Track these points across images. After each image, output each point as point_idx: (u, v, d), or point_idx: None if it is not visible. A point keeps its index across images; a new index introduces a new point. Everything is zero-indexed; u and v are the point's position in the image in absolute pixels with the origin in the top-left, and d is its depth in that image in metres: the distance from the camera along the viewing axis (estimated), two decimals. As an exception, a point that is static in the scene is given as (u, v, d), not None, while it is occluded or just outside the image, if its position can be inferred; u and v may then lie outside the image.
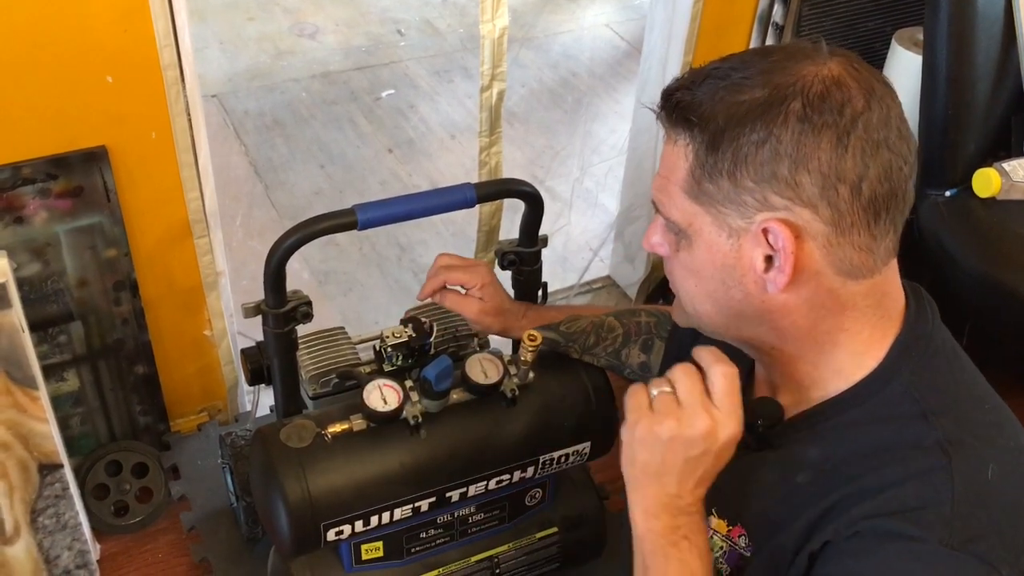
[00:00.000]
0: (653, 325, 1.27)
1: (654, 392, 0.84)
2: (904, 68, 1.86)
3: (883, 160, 0.78)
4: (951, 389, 0.85)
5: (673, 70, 1.84)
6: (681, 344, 1.14)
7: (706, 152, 0.79)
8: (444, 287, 1.28)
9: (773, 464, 0.89)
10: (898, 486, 0.78)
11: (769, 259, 0.80)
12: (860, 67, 0.80)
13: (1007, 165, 1.70)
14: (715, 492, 0.91)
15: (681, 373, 0.83)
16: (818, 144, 0.76)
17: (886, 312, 0.85)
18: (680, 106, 0.81)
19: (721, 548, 0.90)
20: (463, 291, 1.30)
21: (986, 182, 1.70)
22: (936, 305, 0.90)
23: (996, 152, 1.75)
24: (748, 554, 0.88)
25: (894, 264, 0.85)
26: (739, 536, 0.89)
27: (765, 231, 0.79)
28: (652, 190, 0.87)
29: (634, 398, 0.85)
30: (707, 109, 0.79)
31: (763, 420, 0.89)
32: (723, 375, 0.82)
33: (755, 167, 0.78)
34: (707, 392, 0.83)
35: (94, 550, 1.49)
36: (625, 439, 0.86)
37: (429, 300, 1.32)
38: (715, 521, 0.91)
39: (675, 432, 0.82)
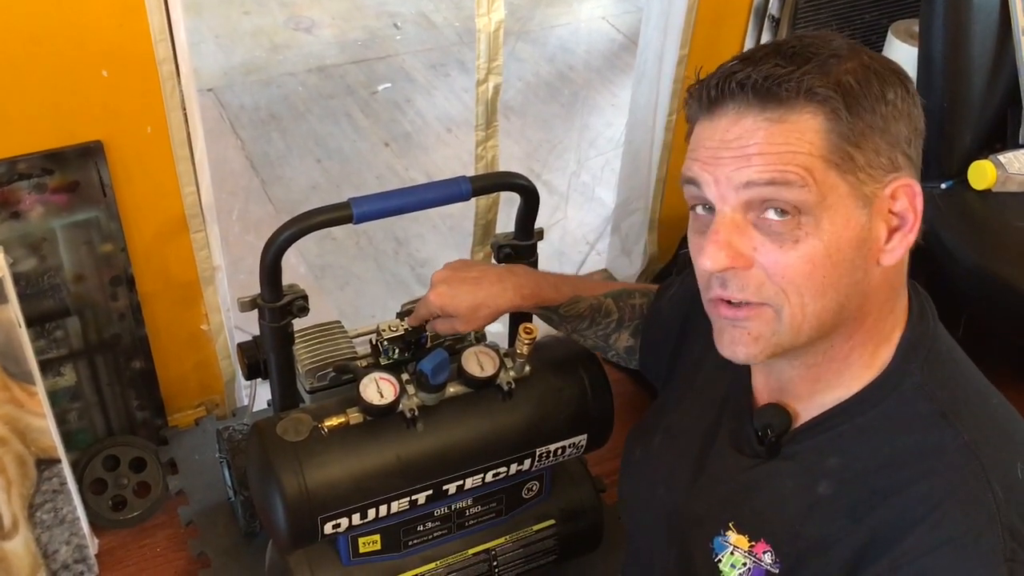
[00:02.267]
0: (645, 307, 1.25)
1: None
2: (900, 60, 1.83)
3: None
4: (960, 386, 0.83)
5: (670, 63, 1.83)
6: (668, 331, 1.13)
7: (848, 115, 0.76)
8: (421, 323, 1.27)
9: (789, 474, 0.86)
10: (940, 507, 0.76)
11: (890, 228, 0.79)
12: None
13: (1003, 157, 1.70)
14: (731, 505, 0.90)
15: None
16: (915, 104, 0.79)
17: (898, 306, 0.84)
18: (791, 81, 0.75)
19: (744, 565, 0.87)
20: None
21: (982, 174, 1.70)
22: (932, 301, 0.88)
23: (992, 144, 1.75)
24: (776, 571, 0.84)
25: None
26: (764, 552, 0.86)
27: (894, 195, 0.78)
28: (762, 174, 0.76)
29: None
30: (831, 77, 0.76)
31: (772, 428, 0.87)
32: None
33: (891, 127, 0.77)
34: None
35: (92, 544, 1.50)
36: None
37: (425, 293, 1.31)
38: (734, 537, 0.88)
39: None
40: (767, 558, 0.85)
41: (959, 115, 1.69)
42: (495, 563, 1.35)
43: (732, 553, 0.88)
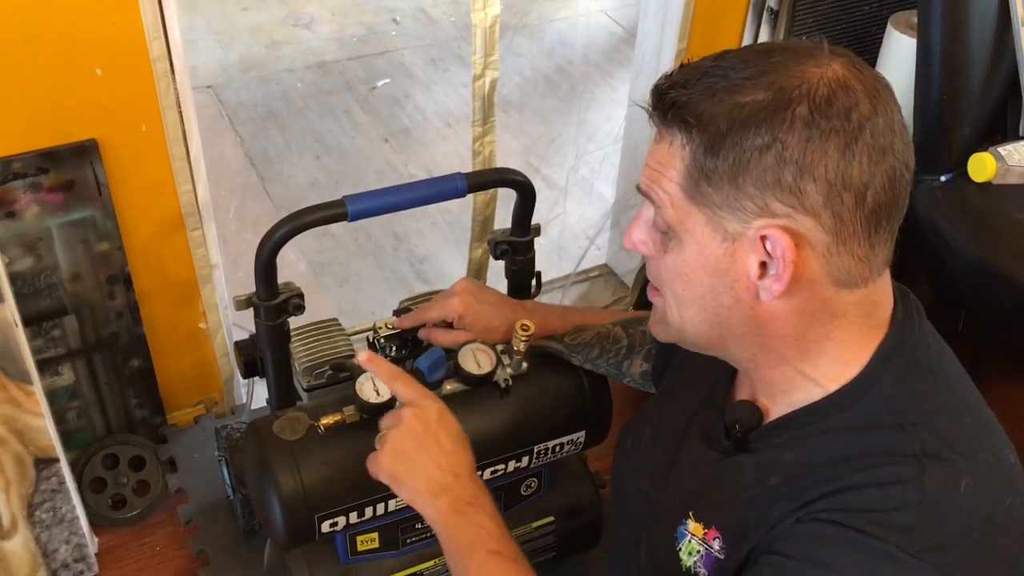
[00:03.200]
0: None
1: (380, 433, 1.02)
2: (900, 52, 1.85)
3: (888, 167, 0.76)
4: (932, 399, 0.83)
5: (668, 57, 1.83)
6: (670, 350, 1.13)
7: (705, 155, 0.76)
8: (434, 325, 1.26)
9: (750, 468, 0.87)
10: (863, 489, 0.77)
11: (764, 265, 0.78)
12: (862, 68, 0.77)
13: (1002, 149, 1.69)
14: (693, 496, 0.91)
15: (386, 415, 1.03)
16: (825, 151, 0.74)
17: (874, 320, 0.83)
18: (676, 105, 0.78)
19: (698, 552, 0.89)
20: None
21: (981, 167, 1.69)
22: (923, 309, 0.87)
23: (991, 136, 1.74)
24: (722, 557, 0.86)
25: (887, 274, 0.83)
26: (713, 539, 0.88)
27: (764, 238, 0.77)
28: (642, 180, 0.83)
29: (377, 441, 1.02)
30: (706, 110, 0.76)
31: (740, 424, 0.88)
32: (396, 381, 1.03)
33: (758, 173, 0.75)
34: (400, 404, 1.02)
35: (92, 543, 1.50)
36: (380, 470, 1.01)
37: (426, 291, 1.32)
38: (692, 525, 0.90)
39: (397, 433, 0.99)
40: (716, 544, 0.87)
41: (958, 107, 1.68)
42: (494, 560, 1.35)
43: (690, 541, 0.90)
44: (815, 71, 0.75)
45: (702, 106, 0.76)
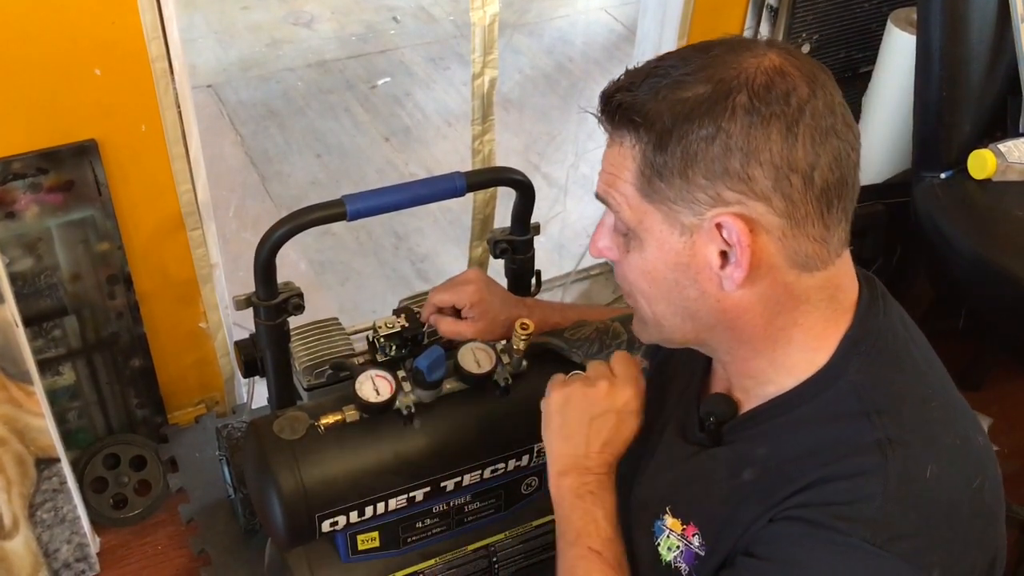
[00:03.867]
0: None
1: (574, 374, 1.00)
2: (900, 49, 1.85)
3: (832, 147, 0.77)
4: (897, 386, 0.83)
5: (667, 54, 1.83)
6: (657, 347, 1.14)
7: (654, 152, 0.78)
8: (440, 310, 1.26)
9: (723, 461, 0.88)
10: (830, 482, 0.78)
11: (724, 255, 0.79)
12: (799, 56, 0.79)
13: (1002, 146, 1.69)
14: (670, 491, 0.92)
15: (591, 363, 0.99)
16: (768, 135, 0.76)
17: (839, 305, 0.84)
18: (622, 107, 0.79)
19: (678, 547, 0.90)
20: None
21: (981, 164, 1.69)
22: (888, 294, 0.88)
23: (991, 133, 1.74)
24: (703, 553, 0.87)
25: (847, 256, 0.84)
26: (693, 535, 0.89)
27: (719, 226, 0.78)
28: (599, 186, 0.85)
29: (553, 380, 1.00)
30: (651, 108, 0.78)
31: (714, 416, 0.89)
32: (620, 357, 0.99)
33: (706, 163, 0.77)
34: (610, 370, 0.98)
35: (93, 543, 1.50)
36: (543, 409, 0.99)
37: (426, 290, 1.31)
38: (670, 520, 0.91)
39: (580, 392, 0.96)
40: (695, 540, 0.88)
41: (958, 104, 1.67)
42: (495, 559, 1.35)
43: (668, 536, 0.91)
44: (752, 61, 0.77)
45: (647, 105, 0.78)
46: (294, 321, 1.31)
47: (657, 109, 0.77)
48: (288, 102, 3.08)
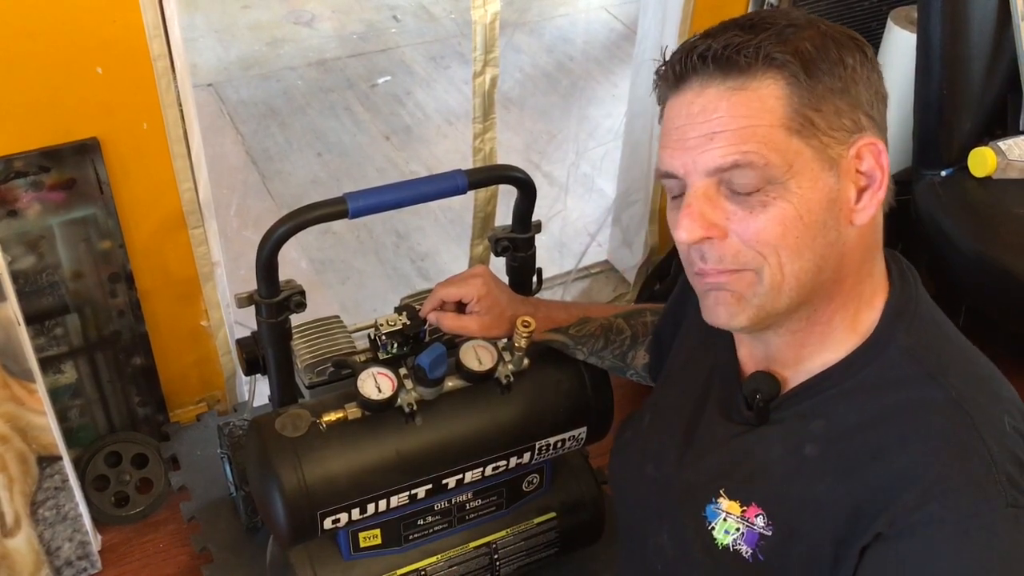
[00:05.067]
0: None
1: None
2: (900, 47, 1.85)
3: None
4: (946, 348, 0.85)
5: (670, 52, 1.82)
6: (671, 324, 1.14)
7: (807, 80, 0.77)
8: (443, 306, 1.25)
9: (777, 439, 0.87)
10: (937, 460, 0.77)
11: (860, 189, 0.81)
12: None
13: (1003, 144, 1.69)
14: (721, 473, 0.91)
15: None
16: (873, 69, 0.81)
17: (881, 265, 0.86)
18: (756, 49, 0.77)
19: (737, 530, 0.88)
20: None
21: (982, 161, 1.69)
22: (915, 268, 0.90)
23: (992, 131, 1.74)
24: (769, 533, 0.86)
25: None
26: (756, 516, 0.87)
27: (859, 155, 0.80)
28: (723, 152, 0.78)
29: None
30: (788, 45, 0.78)
31: (761, 394, 0.88)
32: None
33: (847, 91, 0.79)
34: None
35: (95, 541, 1.50)
36: None
37: (427, 288, 1.31)
38: (726, 503, 0.89)
39: None
40: (759, 521, 0.87)
41: (959, 102, 1.67)
42: (496, 556, 1.35)
43: (725, 520, 0.89)
44: (815, 18, 0.82)
45: (773, 43, 0.78)
46: (295, 319, 1.32)
47: (795, 44, 0.78)
48: (289, 101, 3.09)
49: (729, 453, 0.91)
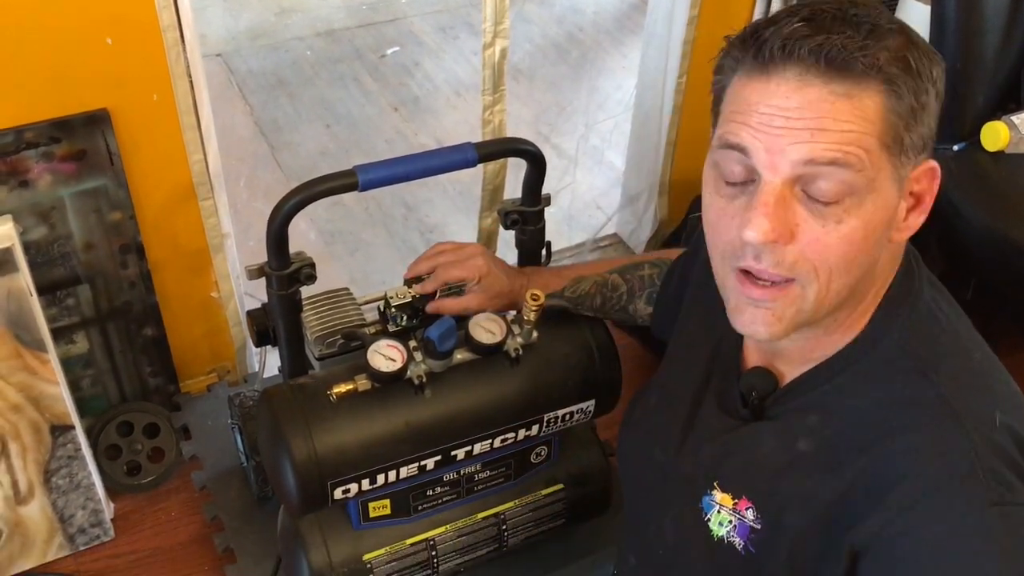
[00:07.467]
0: (656, 276, 1.26)
1: None
2: (914, 20, 1.83)
3: None
4: (941, 342, 0.84)
5: (679, 24, 1.81)
6: (676, 293, 1.14)
7: (908, 96, 0.74)
8: (444, 287, 1.26)
9: (771, 433, 0.88)
10: (921, 459, 0.76)
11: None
12: None
13: (1016, 118, 1.68)
14: (716, 465, 0.91)
15: None
16: (941, 82, 0.78)
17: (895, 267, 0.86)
18: (867, 54, 0.73)
19: (730, 522, 0.89)
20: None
21: (995, 136, 1.68)
22: (919, 255, 0.89)
23: (1005, 105, 1.73)
24: (758, 527, 0.87)
25: None
26: (746, 509, 0.88)
27: (919, 177, 0.79)
28: (825, 149, 0.74)
29: None
30: (890, 53, 0.74)
31: (756, 391, 0.89)
32: None
33: (927, 109, 0.76)
34: None
35: (108, 509, 1.52)
36: None
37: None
38: (719, 495, 0.90)
39: None
40: (749, 514, 0.88)
41: (972, 76, 1.66)
42: (504, 527, 1.37)
43: (719, 512, 0.90)
44: (896, 17, 0.79)
45: (883, 52, 0.74)
46: (305, 291, 1.32)
47: (900, 54, 0.74)
48: (297, 71, 3.07)
49: (724, 446, 0.92)
